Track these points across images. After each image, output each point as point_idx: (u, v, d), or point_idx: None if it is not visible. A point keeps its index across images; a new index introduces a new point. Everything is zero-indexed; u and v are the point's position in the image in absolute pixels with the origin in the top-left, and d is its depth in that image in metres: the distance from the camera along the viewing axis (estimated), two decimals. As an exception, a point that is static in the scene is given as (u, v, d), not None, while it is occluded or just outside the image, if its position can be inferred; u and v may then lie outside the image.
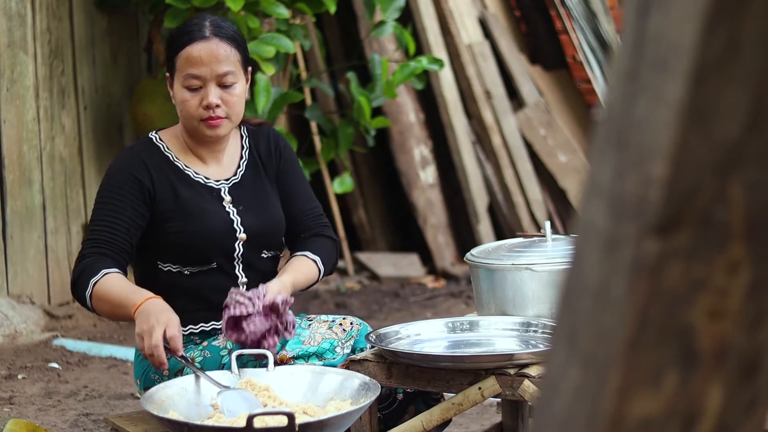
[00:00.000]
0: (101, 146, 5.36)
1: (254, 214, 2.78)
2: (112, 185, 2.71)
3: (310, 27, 5.79)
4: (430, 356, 2.48)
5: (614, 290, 0.99)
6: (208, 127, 2.71)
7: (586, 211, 1.03)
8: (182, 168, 2.77)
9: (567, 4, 6.07)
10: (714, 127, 0.95)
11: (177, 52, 2.72)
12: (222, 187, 2.79)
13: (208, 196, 2.76)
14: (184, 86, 2.71)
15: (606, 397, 0.99)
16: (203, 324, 2.73)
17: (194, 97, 2.70)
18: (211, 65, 2.69)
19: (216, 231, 2.72)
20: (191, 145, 2.80)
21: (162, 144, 2.79)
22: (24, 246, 4.96)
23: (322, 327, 2.68)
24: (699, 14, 0.94)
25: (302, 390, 2.42)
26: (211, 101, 2.68)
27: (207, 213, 2.73)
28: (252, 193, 2.81)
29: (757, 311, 0.99)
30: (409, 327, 2.67)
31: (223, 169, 2.82)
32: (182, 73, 2.70)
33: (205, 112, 2.70)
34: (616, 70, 1.01)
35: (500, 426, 2.95)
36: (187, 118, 2.73)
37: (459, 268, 6.07)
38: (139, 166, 2.72)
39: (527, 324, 2.64)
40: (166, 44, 2.82)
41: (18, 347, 4.64)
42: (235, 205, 2.78)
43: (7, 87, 4.84)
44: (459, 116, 6.19)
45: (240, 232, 2.74)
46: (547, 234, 2.81)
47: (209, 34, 2.71)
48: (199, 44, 2.70)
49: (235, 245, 2.74)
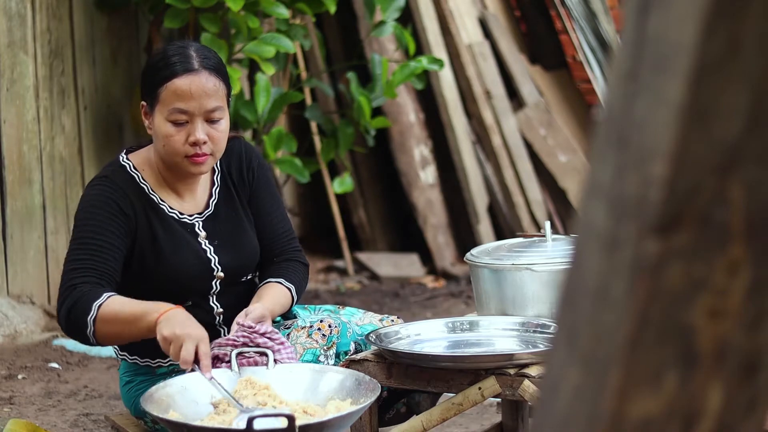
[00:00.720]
0: (101, 146, 5.36)
1: (230, 250, 2.67)
2: (94, 212, 2.55)
3: (310, 27, 5.79)
4: (431, 356, 2.48)
5: (614, 290, 0.99)
6: (192, 164, 2.57)
7: (586, 211, 1.03)
8: (158, 202, 2.64)
9: (567, 4, 6.07)
10: (714, 127, 0.95)
11: (161, 83, 2.56)
12: (196, 222, 2.67)
13: (182, 233, 2.64)
14: (168, 120, 2.55)
15: (606, 397, 0.99)
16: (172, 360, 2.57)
17: (179, 132, 2.55)
18: (200, 100, 2.54)
19: (193, 271, 2.62)
20: (167, 178, 2.66)
21: (137, 174, 2.64)
22: (24, 246, 4.96)
23: (301, 335, 2.61)
24: (699, 14, 0.94)
25: (302, 388, 2.42)
26: (199, 138, 2.54)
27: (183, 253, 2.62)
28: (226, 226, 2.70)
29: (757, 311, 0.99)
30: (408, 327, 2.68)
31: (196, 202, 2.70)
32: (168, 106, 2.55)
33: (191, 148, 2.55)
34: (616, 70, 1.01)
35: (500, 426, 2.95)
36: (170, 154, 2.58)
37: (459, 268, 6.07)
38: (121, 196, 2.59)
39: (527, 324, 2.64)
40: (145, 71, 2.65)
41: (18, 347, 4.64)
42: (210, 241, 2.66)
43: (7, 87, 4.84)
44: (459, 116, 6.19)
45: (217, 271, 2.65)
46: (547, 234, 2.81)
47: (198, 66, 2.56)
48: (188, 77, 2.55)
49: (213, 284, 2.65)
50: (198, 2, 4.70)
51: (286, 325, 2.71)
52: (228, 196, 2.73)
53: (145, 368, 2.67)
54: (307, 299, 5.60)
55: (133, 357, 2.67)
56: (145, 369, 2.67)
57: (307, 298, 5.62)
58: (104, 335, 2.44)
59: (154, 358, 2.65)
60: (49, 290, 5.10)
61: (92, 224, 2.54)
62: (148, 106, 2.61)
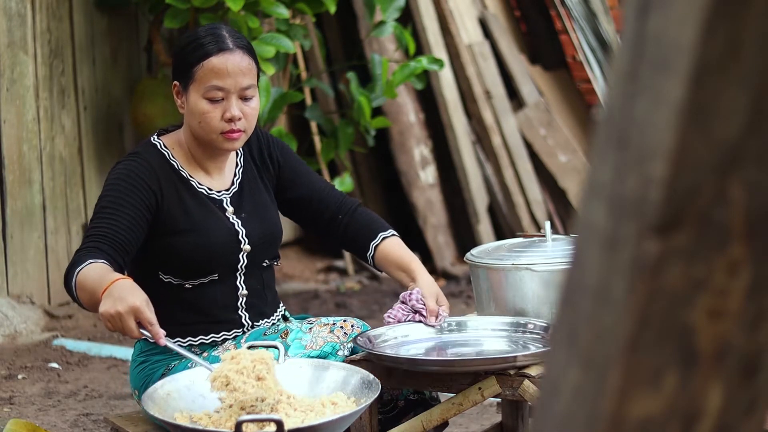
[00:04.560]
0: (101, 146, 5.36)
1: (255, 223, 2.77)
2: (117, 186, 2.63)
3: (310, 27, 5.79)
4: (418, 360, 2.47)
5: (614, 290, 0.99)
6: (226, 140, 2.67)
7: (586, 211, 1.03)
8: (187, 178, 2.74)
9: (567, 4, 6.07)
10: (714, 127, 0.95)
11: (198, 62, 2.65)
12: (223, 198, 2.77)
13: (211, 207, 2.74)
14: (205, 97, 2.65)
15: (606, 397, 0.99)
16: (202, 337, 2.71)
17: (215, 109, 2.65)
18: (236, 77, 2.65)
19: (221, 243, 2.70)
20: (197, 156, 2.76)
21: (167, 151, 2.74)
22: (24, 246, 4.96)
23: (323, 330, 2.66)
24: (699, 14, 0.94)
25: (308, 384, 2.42)
26: (235, 114, 2.64)
27: (212, 225, 2.71)
28: (250, 201, 2.80)
29: (757, 311, 0.99)
30: (396, 329, 2.66)
31: (223, 180, 2.79)
32: (204, 84, 2.65)
33: (226, 125, 2.65)
34: (616, 70, 1.01)
35: (500, 426, 2.95)
36: (206, 131, 2.67)
37: (459, 268, 6.07)
38: (148, 172, 2.67)
39: (516, 324, 2.64)
40: (178, 53, 2.74)
41: (18, 347, 4.64)
42: (237, 215, 2.76)
43: (7, 87, 4.84)
44: (459, 116, 6.19)
45: (244, 244, 2.73)
46: (547, 234, 2.81)
47: (232, 46, 2.66)
48: (224, 56, 2.65)
49: (240, 256, 2.72)
50: (198, 2, 4.70)
51: (309, 321, 2.72)
52: (251, 176, 2.83)
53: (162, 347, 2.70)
54: (307, 299, 5.60)
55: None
56: (162, 347, 2.70)
57: (306, 298, 5.62)
58: (83, 302, 2.44)
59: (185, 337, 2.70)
60: (49, 290, 5.10)
61: (112, 195, 2.62)
62: (181, 86, 2.70)
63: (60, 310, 5.07)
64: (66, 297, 5.15)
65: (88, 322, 5.08)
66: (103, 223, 2.57)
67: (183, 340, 2.69)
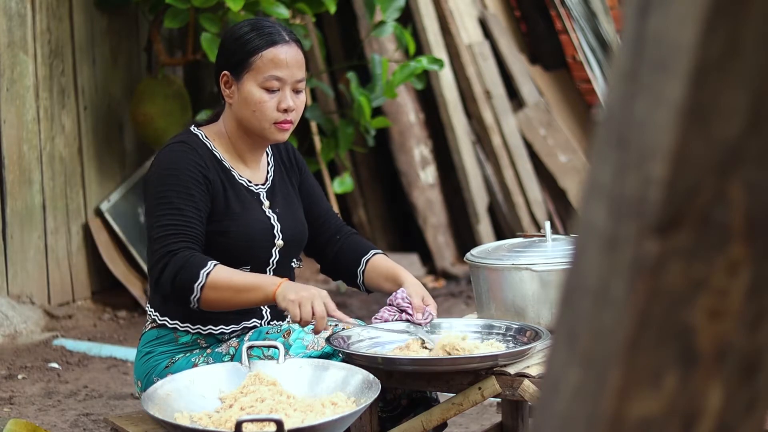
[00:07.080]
0: (101, 146, 5.36)
1: (288, 220, 2.80)
2: (177, 174, 2.65)
3: (310, 27, 5.80)
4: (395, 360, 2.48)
5: (614, 290, 0.99)
6: (278, 130, 2.71)
7: (586, 211, 1.03)
8: (229, 168, 2.76)
9: (567, 4, 6.07)
10: (714, 127, 0.95)
11: (256, 52, 2.68)
12: (261, 191, 2.80)
13: (250, 199, 2.76)
14: (263, 87, 2.68)
15: (606, 397, 0.99)
16: (234, 325, 2.72)
17: (271, 99, 2.69)
18: (293, 69, 2.70)
19: (258, 235, 2.73)
20: (238, 147, 2.78)
21: (208, 142, 2.76)
22: (24, 246, 4.96)
23: (325, 331, 2.67)
24: (699, 14, 0.94)
25: (308, 384, 2.42)
26: (290, 104, 2.69)
27: (252, 216, 2.73)
28: (283, 198, 2.84)
29: (757, 311, 0.99)
30: (371, 329, 2.67)
31: (259, 173, 2.83)
32: (263, 73, 2.68)
33: (280, 115, 2.69)
34: (616, 70, 1.01)
35: (500, 426, 2.95)
36: (259, 120, 2.70)
37: (459, 268, 6.07)
38: (199, 159, 2.69)
39: (490, 326, 2.64)
40: (231, 43, 2.75)
41: (18, 347, 4.64)
42: (273, 210, 2.79)
43: (7, 87, 4.84)
44: (459, 116, 6.19)
45: (278, 239, 2.76)
46: (547, 234, 2.81)
47: (289, 39, 2.71)
48: (284, 47, 2.70)
49: (273, 251, 2.75)
50: (198, 2, 4.70)
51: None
52: (281, 174, 2.88)
53: (169, 338, 2.73)
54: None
55: (184, 325, 2.72)
56: (169, 338, 2.73)
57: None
58: (210, 301, 2.54)
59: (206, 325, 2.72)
60: (49, 290, 5.10)
61: (176, 187, 2.64)
62: (233, 76, 2.72)
63: (60, 310, 5.07)
64: (66, 297, 5.15)
65: (88, 322, 5.08)
66: (179, 219, 2.60)
67: (215, 328, 2.71)
